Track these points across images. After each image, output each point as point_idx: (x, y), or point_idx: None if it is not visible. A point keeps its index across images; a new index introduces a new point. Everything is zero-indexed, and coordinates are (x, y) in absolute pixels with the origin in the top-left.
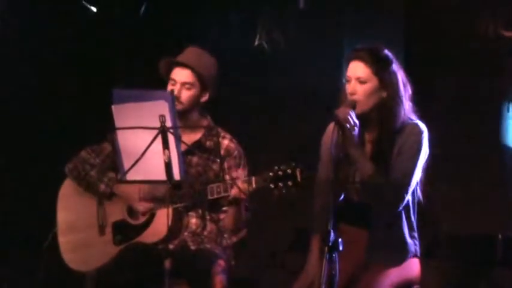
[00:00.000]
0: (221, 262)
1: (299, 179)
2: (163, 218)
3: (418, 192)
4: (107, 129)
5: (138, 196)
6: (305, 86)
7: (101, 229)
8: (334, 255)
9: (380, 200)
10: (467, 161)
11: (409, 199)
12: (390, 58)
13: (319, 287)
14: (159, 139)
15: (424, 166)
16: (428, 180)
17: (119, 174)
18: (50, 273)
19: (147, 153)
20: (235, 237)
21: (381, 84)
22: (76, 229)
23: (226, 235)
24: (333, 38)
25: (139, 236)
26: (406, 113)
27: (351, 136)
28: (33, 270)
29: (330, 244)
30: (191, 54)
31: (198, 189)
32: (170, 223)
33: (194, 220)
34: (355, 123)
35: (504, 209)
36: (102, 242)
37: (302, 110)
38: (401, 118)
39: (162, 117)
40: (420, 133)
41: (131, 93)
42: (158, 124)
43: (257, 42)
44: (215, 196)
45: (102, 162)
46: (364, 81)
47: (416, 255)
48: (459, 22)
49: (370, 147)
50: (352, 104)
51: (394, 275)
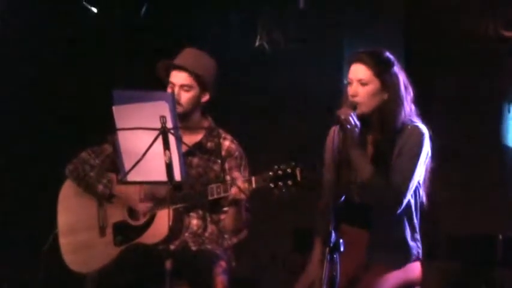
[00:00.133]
0: (222, 263)
1: (299, 179)
2: (163, 219)
3: (421, 194)
4: (108, 130)
5: (139, 197)
6: (305, 86)
7: (102, 230)
8: (335, 256)
9: (379, 202)
10: (467, 161)
11: (411, 201)
12: (391, 60)
13: None
14: (160, 140)
15: (427, 168)
16: (430, 181)
17: (120, 175)
18: (51, 274)
19: (148, 154)
20: (235, 238)
21: (382, 86)
22: (76, 230)
23: (226, 236)
24: (333, 38)
25: (140, 237)
26: (407, 115)
27: (352, 137)
28: (33, 270)
29: (331, 245)
30: (188, 55)
31: (199, 190)
32: (171, 224)
33: (195, 221)
34: (355, 124)
35: (504, 209)
36: (102, 243)
37: (302, 110)
38: (401, 120)
39: (163, 118)
40: (421, 135)
41: (131, 94)
42: (159, 125)
43: (257, 42)
44: (215, 196)
45: (101, 162)
46: (365, 83)
47: (418, 258)
48: (459, 22)
49: (371, 148)
50: (353, 106)
51: (395, 277)
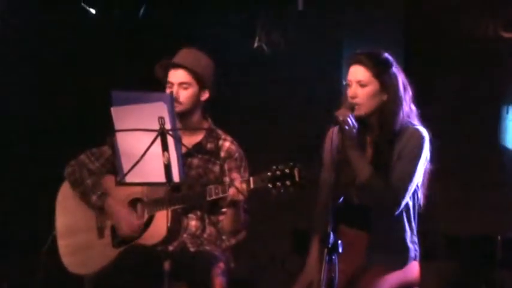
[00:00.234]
0: (221, 264)
1: (297, 179)
2: (162, 220)
3: (420, 196)
4: (107, 131)
5: (127, 220)
6: (305, 87)
7: (100, 232)
8: (333, 257)
9: (378, 203)
10: (466, 162)
11: (410, 203)
12: (390, 61)
13: None
14: (158, 141)
15: (426, 171)
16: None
17: (119, 176)
18: (50, 276)
19: (147, 155)
20: (234, 239)
21: (382, 87)
22: (75, 232)
23: (225, 237)
24: (333, 38)
25: (138, 238)
26: (406, 116)
27: (350, 138)
28: (33, 270)
29: (330, 246)
30: (185, 54)
31: (197, 191)
32: (169, 225)
33: (193, 222)
34: (354, 125)
35: (503, 210)
36: (101, 245)
37: (302, 110)
38: (401, 120)
39: (161, 119)
40: (421, 138)
41: (130, 95)
42: (157, 126)
43: (256, 43)
44: (213, 197)
45: (101, 166)
46: (364, 84)
47: (416, 259)
48: (459, 22)
49: (370, 150)
50: (351, 107)
51: (394, 278)
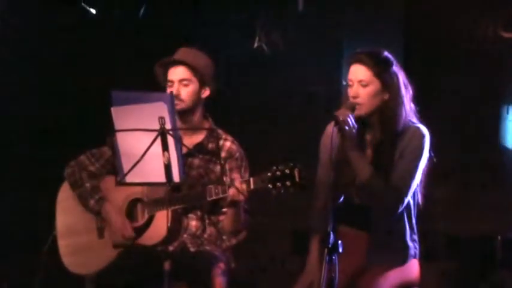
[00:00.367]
0: (221, 264)
1: (297, 179)
2: (162, 220)
3: (418, 195)
4: (107, 131)
5: (123, 229)
6: (305, 87)
7: (100, 232)
8: (333, 257)
9: (380, 202)
10: (467, 162)
11: (411, 202)
12: (391, 60)
13: None
14: (159, 141)
15: (425, 169)
16: (428, 182)
17: (119, 176)
18: (50, 276)
19: (147, 155)
20: (234, 239)
21: (383, 86)
22: (75, 232)
23: (225, 237)
24: (333, 39)
25: (138, 238)
26: (408, 115)
27: (350, 138)
28: (33, 270)
29: (330, 246)
30: (183, 52)
31: (197, 191)
32: (169, 225)
33: (194, 222)
34: (353, 125)
35: (503, 211)
36: (101, 245)
37: (302, 111)
38: (403, 120)
39: (162, 119)
40: (422, 137)
41: (130, 95)
42: (158, 126)
43: (257, 43)
44: (214, 198)
45: (101, 167)
46: (366, 84)
47: (415, 257)
48: (459, 22)
49: (370, 150)
50: (351, 107)
51: (394, 277)
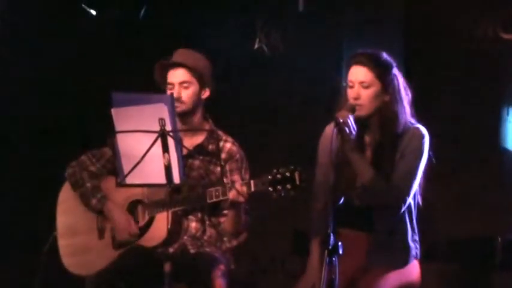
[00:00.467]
0: (221, 266)
1: (298, 182)
2: (162, 222)
3: (418, 196)
4: (107, 132)
5: (127, 224)
6: (305, 87)
7: (100, 233)
8: (334, 258)
9: (382, 204)
10: (466, 163)
11: (411, 203)
12: (391, 62)
13: None
14: (159, 142)
15: (424, 170)
16: (428, 183)
17: (119, 177)
18: (50, 276)
19: (147, 156)
20: (235, 240)
21: (384, 88)
22: (75, 233)
23: (226, 239)
24: (333, 39)
25: (138, 240)
26: (407, 117)
27: (350, 140)
28: (33, 270)
29: (330, 248)
30: (182, 54)
31: (198, 192)
32: (170, 226)
33: (194, 224)
34: (353, 127)
35: (503, 212)
36: (101, 246)
37: (302, 112)
38: (403, 121)
39: (162, 120)
40: (422, 137)
41: (130, 96)
42: (158, 127)
43: (257, 44)
44: (214, 199)
45: (102, 167)
46: (367, 85)
47: (416, 258)
48: (459, 22)
49: (370, 151)
50: (352, 108)
51: (394, 278)
